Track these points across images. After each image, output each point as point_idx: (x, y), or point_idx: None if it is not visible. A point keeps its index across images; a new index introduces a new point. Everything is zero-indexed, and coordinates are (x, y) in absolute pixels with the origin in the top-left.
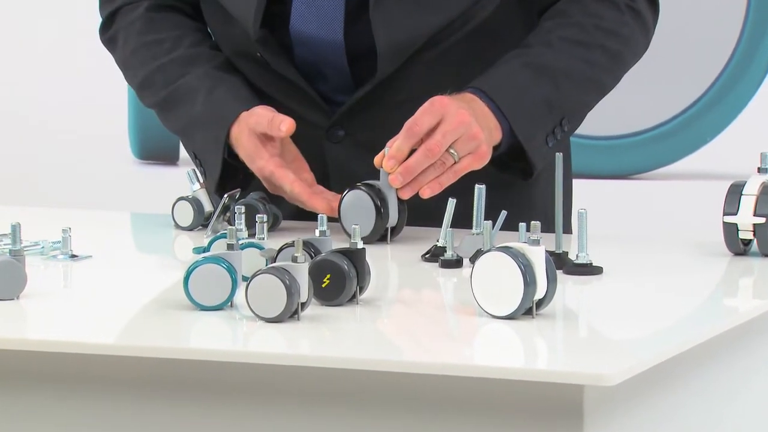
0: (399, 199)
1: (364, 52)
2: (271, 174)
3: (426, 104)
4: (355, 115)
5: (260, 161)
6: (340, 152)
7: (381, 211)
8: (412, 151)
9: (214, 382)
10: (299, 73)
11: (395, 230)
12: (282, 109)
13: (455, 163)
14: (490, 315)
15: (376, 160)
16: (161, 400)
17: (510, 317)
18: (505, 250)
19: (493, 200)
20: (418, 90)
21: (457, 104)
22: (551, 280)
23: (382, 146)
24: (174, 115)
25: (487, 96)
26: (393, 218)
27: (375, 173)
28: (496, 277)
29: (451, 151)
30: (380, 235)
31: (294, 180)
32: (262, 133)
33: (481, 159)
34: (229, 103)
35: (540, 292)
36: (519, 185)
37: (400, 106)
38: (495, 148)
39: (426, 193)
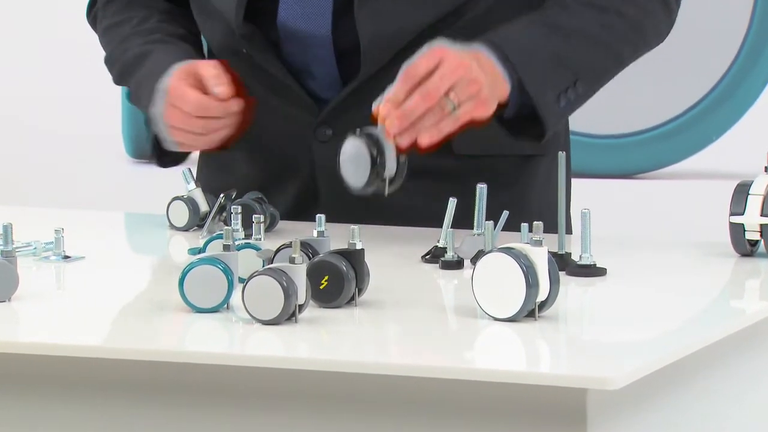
0: (399, 151)
1: (352, 48)
2: (174, 88)
3: (424, 49)
4: (343, 114)
5: (168, 79)
6: (328, 152)
7: (377, 161)
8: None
9: (210, 386)
10: (287, 70)
11: (393, 182)
12: (269, 106)
13: (455, 109)
14: (492, 317)
15: (374, 108)
16: (156, 404)
17: (512, 320)
18: (507, 251)
19: (491, 200)
20: None
21: (457, 51)
22: (554, 282)
23: None
24: (131, 82)
25: (495, 46)
26: (391, 168)
27: None
28: (497, 279)
29: (450, 96)
30: (376, 186)
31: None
32: (196, 74)
33: (483, 106)
34: (173, 60)
35: (542, 294)
36: (518, 185)
37: None
38: (502, 106)
39: (425, 141)
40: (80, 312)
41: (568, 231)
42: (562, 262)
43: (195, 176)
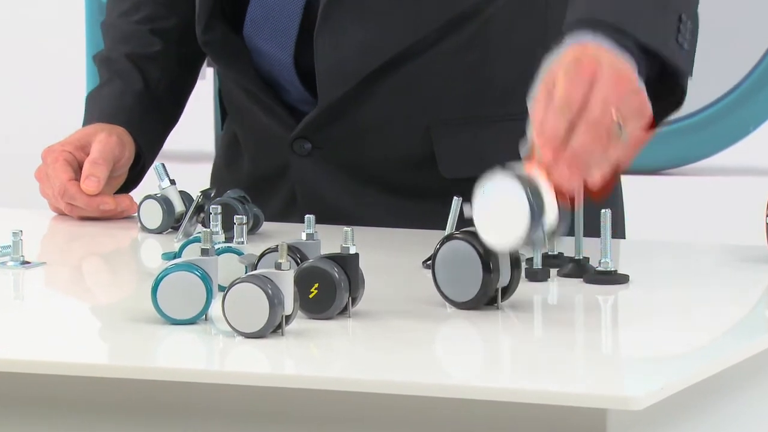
0: (513, 252)
1: (314, 74)
2: (54, 161)
3: (570, 63)
4: (322, 128)
5: (56, 146)
6: (307, 168)
7: (490, 266)
8: None
9: (186, 406)
10: (260, 80)
11: (507, 291)
12: (248, 113)
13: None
14: (493, 244)
15: (523, 150)
16: (126, 426)
17: (513, 250)
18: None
19: None
20: (387, 110)
21: (606, 57)
22: (562, 211)
23: (354, 163)
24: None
25: (591, 25)
26: (505, 276)
27: (347, 195)
28: (500, 207)
29: (615, 117)
30: (490, 298)
31: (72, 178)
32: (86, 146)
33: (648, 120)
34: (101, 106)
35: (551, 220)
36: None
37: (368, 122)
38: None
39: (597, 179)
40: (40, 324)
41: (621, 234)
42: (579, 268)
43: (169, 172)
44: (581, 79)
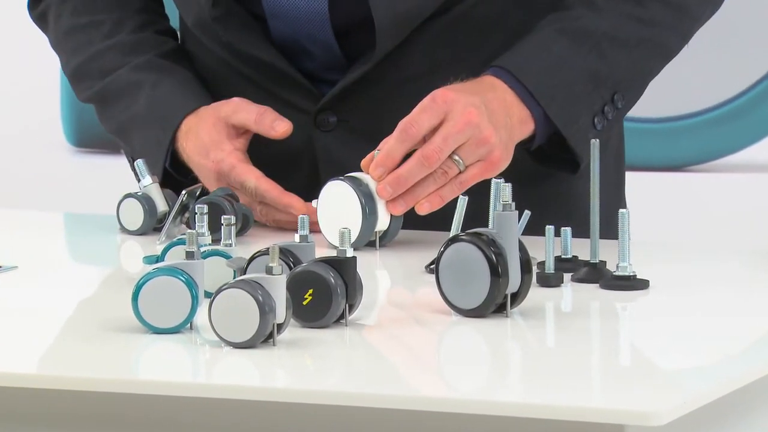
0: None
1: (354, 25)
2: (231, 168)
3: (426, 100)
4: (349, 98)
5: (219, 153)
6: (331, 142)
7: (498, 270)
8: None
9: (170, 421)
10: (277, 52)
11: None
12: (261, 91)
13: (461, 172)
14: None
15: (364, 162)
16: None
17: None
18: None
19: (519, 198)
20: (426, 64)
21: (464, 100)
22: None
23: (381, 135)
24: (111, 111)
25: (513, 77)
26: (515, 281)
27: None
28: (338, 209)
29: (455, 158)
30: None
31: (260, 176)
32: (234, 125)
33: (493, 167)
34: (176, 100)
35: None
36: (550, 178)
37: (402, 85)
38: (528, 141)
39: (424, 209)
40: (10, 334)
41: (613, 236)
42: (595, 273)
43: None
44: (431, 115)
